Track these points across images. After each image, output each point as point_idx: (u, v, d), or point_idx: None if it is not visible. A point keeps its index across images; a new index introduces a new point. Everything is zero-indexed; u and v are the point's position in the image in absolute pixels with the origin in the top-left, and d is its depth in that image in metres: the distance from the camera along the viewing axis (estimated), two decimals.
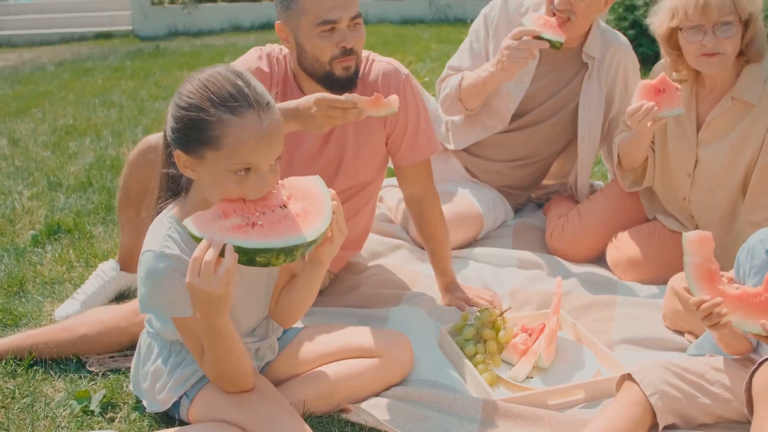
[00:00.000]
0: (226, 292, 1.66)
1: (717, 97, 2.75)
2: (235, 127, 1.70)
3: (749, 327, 1.86)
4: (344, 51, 2.36)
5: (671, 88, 2.60)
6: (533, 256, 3.07)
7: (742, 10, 2.57)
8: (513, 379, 2.25)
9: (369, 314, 2.62)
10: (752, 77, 2.68)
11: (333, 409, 2.12)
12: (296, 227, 1.72)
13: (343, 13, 2.32)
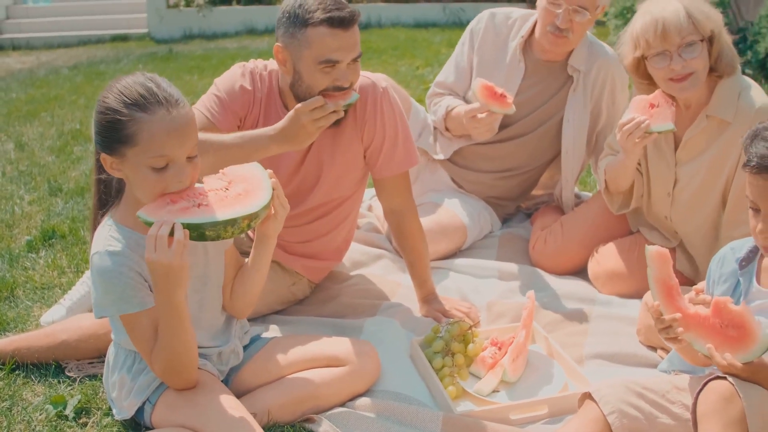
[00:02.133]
0: (181, 262, 1.81)
1: (692, 116, 2.74)
2: (147, 122, 1.85)
3: (698, 347, 1.88)
4: (338, 88, 2.40)
5: (666, 103, 2.60)
6: (514, 268, 3.08)
7: (703, 28, 2.57)
8: (478, 393, 2.27)
9: (344, 324, 2.66)
10: (725, 94, 2.67)
11: (298, 419, 2.17)
12: (239, 203, 1.88)
13: (346, 56, 2.37)
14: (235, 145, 2.38)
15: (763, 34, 7.43)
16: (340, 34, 2.33)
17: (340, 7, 2.33)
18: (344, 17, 2.32)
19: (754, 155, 1.86)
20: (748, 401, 1.77)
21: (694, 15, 2.57)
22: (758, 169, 1.84)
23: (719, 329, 1.86)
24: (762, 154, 1.84)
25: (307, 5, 2.34)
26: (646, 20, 2.60)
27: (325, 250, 2.82)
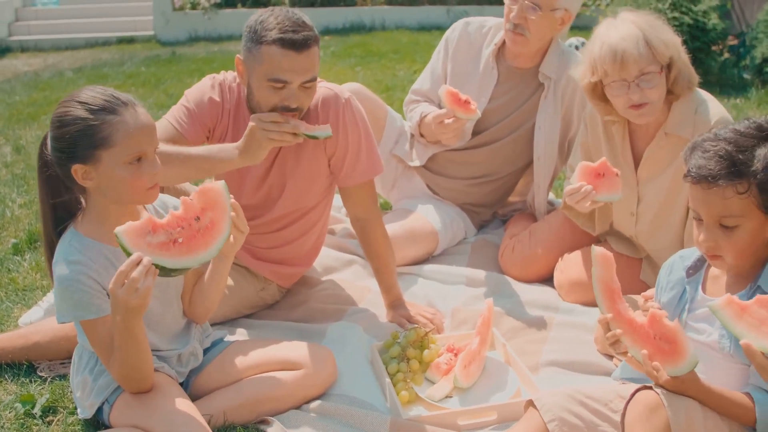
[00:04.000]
0: (143, 303, 1.88)
1: (651, 134, 2.76)
2: (119, 123, 1.96)
3: (633, 352, 1.91)
4: (286, 108, 2.46)
5: (611, 174, 2.62)
6: (482, 275, 3.14)
7: (662, 56, 2.58)
8: (429, 398, 2.33)
9: (308, 329, 2.72)
10: (682, 111, 2.70)
11: (253, 420, 2.25)
12: (206, 242, 1.95)
13: (295, 77, 2.42)
14: (200, 157, 2.46)
15: (760, 39, 7.43)
16: (291, 55, 2.38)
17: (296, 30, 2.38)
18: (297, 40, 2.37)
19: (692, 166, 1.91)
20: (673, 412, 1.82)
21: (653, 43, 2.57)
22: (696, 179, 1.89)
23: (653, 340, 1.91)
24: (699, 164, 1.88)
25: (266, 23, 2.40)
26: (605, 49, 2.60)
27: (294, 256, 2.89)
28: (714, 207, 1.88)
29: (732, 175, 1.84)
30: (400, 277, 3.08)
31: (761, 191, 1.84)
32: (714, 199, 1.87)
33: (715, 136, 1.91)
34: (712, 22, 7.28)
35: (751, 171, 1.83)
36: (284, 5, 11.43)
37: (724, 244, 1.89)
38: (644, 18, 2.64)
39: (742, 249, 1.90)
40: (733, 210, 1.86)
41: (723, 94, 7.07)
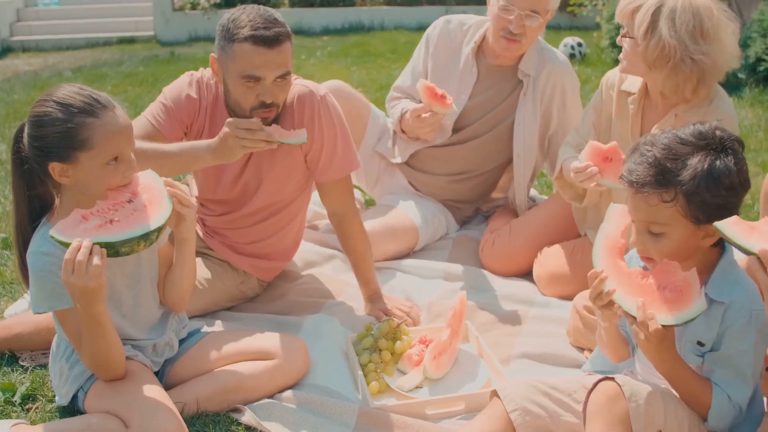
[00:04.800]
0: (98, 284, 1.91)
1: (662, 112, 2.78)
2: (99, 126, 2.00)
3: (626, 306, 1.87)
4: (263, 104, 2.50)
5: (618, 160, 2.62)
6: (460, 269, 3.18)
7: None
8: (399, 388, 2.37)
9: (285, 321, 2.77)
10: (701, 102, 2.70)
11: (225, 409, 2.30)
12: (146, 216, 2.00)
13: (268, 73, 2.46)
14: (174, 154, 2.51)
15: (754, 38, 7.45)
16: (263, 51, 2.42)
17: (267, 27, 2.42)
18: (268, 36, 2.41)
19: (625, 169, 1.91)
20: (633, 403, 1.84)
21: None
22: (626, 182, 1.89)
23: (655, 290, 1.87)
24: (630, 168, 1.89)
25: (238, 21, 2.45)
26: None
27: (274, 250, 2.93)
28: (641, 212, 1.87)
29: (658, 184, 1.82)
30: (379, 271, 3.13)
31: (688, 201, 1.81)
32: (641, 204, 1.87)
33: (653, 141, 1.89)
34: None
35: (678, 180, 1.81)
36: (284, 5, 11.51)
37: (651, 248, 1.89)
38: None
39: (670, 256, 1.88)
40: (659, 218, 1.85)
41: None
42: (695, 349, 1.95)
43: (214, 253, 2.91)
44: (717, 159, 1.82)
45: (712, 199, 1.81)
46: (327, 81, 3.46)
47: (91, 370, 2.14)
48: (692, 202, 1.81)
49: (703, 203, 1.81)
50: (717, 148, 1.84)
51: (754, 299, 1.88)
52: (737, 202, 1.87)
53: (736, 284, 1.90)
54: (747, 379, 1.90)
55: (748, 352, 1.88)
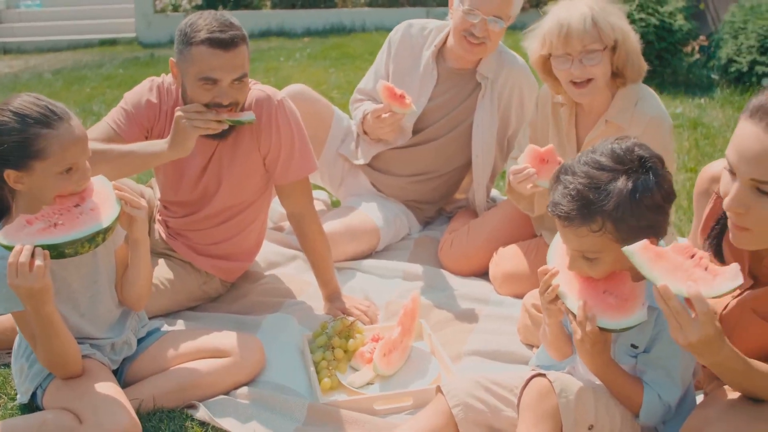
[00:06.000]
0: (43, 284, 1.97)
1: (594, 120, 2.90)
2: (54, 137, 2.05)
3: (569, 304, 1.93)
4: (219, 105, 2.57)
5: (554, 162, 2.71)
6: (419, 269, 3.25)
7: (606, 37, 2.71)
8: (350, 385, 2.45)
9: (245, 320, 2.84)
10: (624, 100, 2.83)
11: (181, 405, 2.37)
12: (92, 219, 2.07)
13: (225, 75, 2.54)
14: (131, 153, 2.57)
15: (726, 40, 7.57)
16: (220, 54, 2.50)
17: (223, 30, 2.50)
18: (224, 39, 2.49)
19: (550, 201, 1.93)
20: (563, 398, 1.92)
21: (599, 23, 2.70)
22: (553, 215, 1.92)
23: (601, 293, 1.92)
24: (555, 201, 1.90)
25: (196, 25, 2.53)
26: (554, 22, 2.75)
27: (236, 251, 3.00)
28: (572, 243, 1.90)
29: (583, 216, 1.84)
30: (340, 271, 3.21)
31: (616, 228, 1.84)
32: (571, 236, 1.89)
33: (573, 170, 1.89)
34: (678, 23, 7.42)
35: (603, 210, 1.82)
36: (266, 7, 11.57)
37: (589, 271, 1.93)
38: (598, 2, 2.77)
39: (607, 273, 1.93)
40: (590, 246, 1.87)
41: (689, 94, 7.20)
42: (629, 351, 2.02)
43: (177, 255, 2.98)
44: (638, 181, 1.84)
45: (638, 222, 1.84)
46: (289, 85, 3.54)
47: (48, 369, 2.21)
48: (620, 229, 1.84)
49: (631, 227, 1.84)
50: (636, 169, 1.86)
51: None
52: (664, 218, 1.91)
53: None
54: (676, 380, 1.97)
55: (678, 354, 1.95)
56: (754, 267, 1.90)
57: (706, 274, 1.70)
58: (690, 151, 5.24)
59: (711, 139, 5.57)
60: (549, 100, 3.01)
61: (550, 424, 1.92)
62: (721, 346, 1.70)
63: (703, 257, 1.72)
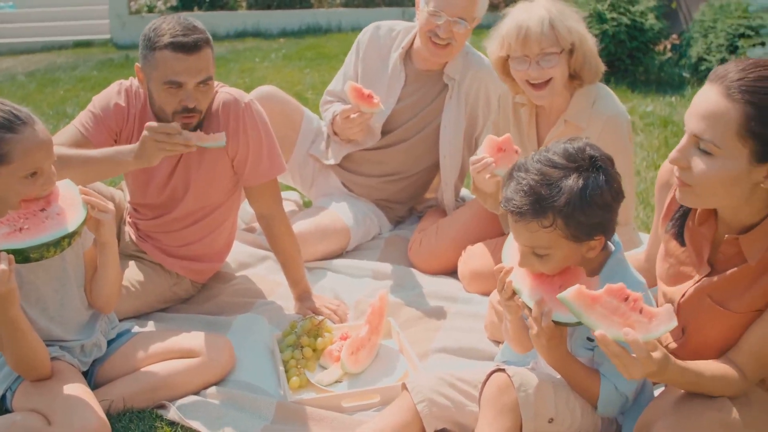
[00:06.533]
0: (8, 288, 1.98)
1: (553, 120, 2.96)
2: (18, 142, 2.05)
3: (525, 299, 1.97)
4: (185, 108, 2.60)
5: (511, 150, 2.75)
6: (389, 268, 3.29)
7: (563, 41, 2.77)
8: (318, 383, 2.49)
9: (215, 321, 2.86)
10: (581, 101, 2.89)
11: (151, 405, 2.39)
12: (57, 224, 2.09)
13: (189, 78, 2.57)
14: (97, 159, 2.59)
15: (696, 38, 7.67)
16: (183, 58, 2.53)
17: (186, 34, 2.53)
18: (187, 43, 2.52)
19: (503, 197, 1.97)
20: (522, 392, 1.96)
21: (557, 26, 2.76)
22: (505, 210, 1.96)
23: (555, 289, 1.95)
24: (507, 197, 1.94)
25: (159, 30, 2.56)
26: (512, 24, 2.80)
27: (206, 253, 3.03)
28: (523, 238, 1.94)
29: (535, 212, 1.88)
30: (310, 271, 3.24)
31: (566, 224, 1.88)
32: (522, 231, 1.93)
33: (526, 167, 1.93)
34: (649, 22, 7.52)
35: (554, 206, 1.86)
36: (241, 8, 11.56)
37: (539, 267, 1.97)
38: (556, 5, 2.82)
39: (557, 271, 1.98)
40: (541, 242, 1.91)
41: (660, 92, 7.29)
42: (585, 344, 2.07)
43: (147, 256, 2.99)
44: (588, 179, 1.88)
45: (588, 219, 1.89)
46: (259, 87, 3.57)
47: (16, 372, 2.23)
48: (570, 225, 1.88)
49: (581, 224, 1.89)
50: (587, 168, 1.90)
51: None
52: (612, 216, 1.96)
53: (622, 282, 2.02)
54: None
55: None
56: (712, 254, 1.96)
57: (641, 318, 1.76)
58: (660, 149, 5.31)
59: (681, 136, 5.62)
60: (510, 101, 3.06)
61: (510, 418, 1.97)
62: (665, 372, 1.76)
63: (637, 299, 1.77)
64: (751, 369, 1.88)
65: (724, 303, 1.91)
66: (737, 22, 7.23)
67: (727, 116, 1.73)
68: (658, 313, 1.76)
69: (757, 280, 1.87)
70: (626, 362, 1.72)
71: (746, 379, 1.88)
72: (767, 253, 1.85)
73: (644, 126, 5.99)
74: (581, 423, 2.05)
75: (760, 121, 1.71)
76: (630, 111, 6.40)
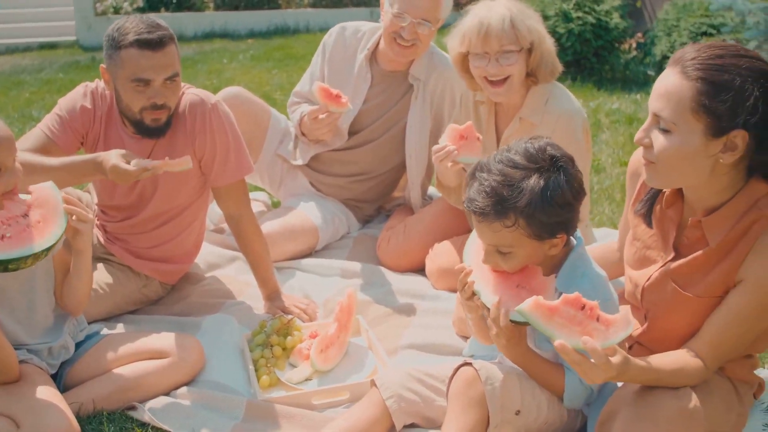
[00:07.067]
0: None
1: (510, 117, 3.01)
2: None
3: (485, 299, 2.01)
4: (154, 105, 2.61)
5: (473, 137, 2.80)
6: (357, 267, 3.32)
7: (523, 39, 2.82)
8: (288, 381, 2.50)
9: (185, 322, 2.87)
10: (535, 100, 2.94)
11: (123, 406, 2.40)
12: (38, 234, 2.09)
13: (156, 75, 2.58)
14: (61, 169, 2.58)
15: (660, 37, 7.79)
16: (149, 54, 2.54)
17: (151, 31, 2.55)
18: (152, 39, 2.53)
19: (466, 197, 2.01)
20: (489, 385, 2.00)
21: (517, 25, 2.80)
22: (468, 210, 2.01)
23: (514, 287, 2.00)
24: (470, 198, 1.99)
25: (123, 28, 2.57)
26: (474, 21, 2.84)
27: (175, 254, 3.03)
28: (486, 237, 2.00)
29: (497, 212, 1.92)
30: (280, 270, 3.26)
31: (528, 224, 1.93)
32: (485, 231, 1.98)
33: (488, 167, 1.98)
34: (614, 21, 7.62)
35: (515, 206, 1.91)
36: (209, 9, 11.50)
37: (503, 265, 2.02)
38: (517, 5, 2.87)
39: (519, 267, 2.02)
40: (504, 241, 1.96)
41: (625, 90, 7.39)
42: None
43: (116, 259, 2.99)
44: (549, 179, 1.93)
45: (549, 219, 1.94)
46: (226, 88, 3.57)
47: None
48: (532, 224, 1.93)
49: (542, 223, 1.94)
50: (548, 168, 1.95)
51: (600, 289, 2.05)
52: (574, 215, 2.02)
53: (583, 276, 2.07)
54: None
55: None
56: (678, 239, 2.03)
57: (598, 326, 1.80)
58: (625, 145, 5.39)
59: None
60: (471, 98, 3.11)
61: (477, 411, 2.00)
62: (626, 373, 1.81)
63: (593, 307, 1.81)
64: (710, 358, 1.94)
65: (687, 287, 1.98)
66: (699, 20, 7.37)
67: (682, 93, 1.82)
68: (615, 320, 1.80)
69: (717, 264, 1.94)
70: (586, 369, 1.77)
71: (706, 368, 1.93)
72: (728, 237, 1.91)
73: (610, 123, 6.07)
74: (547, 415, 2.10)
75: (710, 96, 1.80)
76: (596, 109, 6.49)
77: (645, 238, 2.11)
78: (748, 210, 1.90)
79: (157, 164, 2.48)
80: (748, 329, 1.93)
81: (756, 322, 1.93)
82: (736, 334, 1.93)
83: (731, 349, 1.96)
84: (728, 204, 1.92)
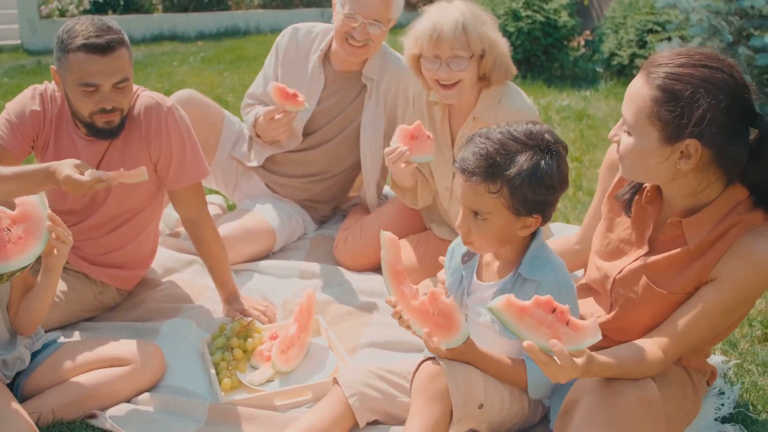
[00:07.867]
0: None
1: (464, 117, 3.04)
2: None
3: (416, 329, 2.07)
4: (103, 110, 2.59)
5: (423, 136, 2.83)
6: (316, 267, 3.32)
7: (474, 46, 2.85)
8: (250, 383, 2.50)
9: (143, 327, 2.84)
10: (488, 99, 2.98)
11: (83, 415, 2.36)
12: (17, 252, 2.08)
13: (105, 80, 2.55)
14: (13, 179, 2.52)
15: (607, 35, 7.93)
16: (97, 59, 2.51)
17: (99, 35, 2.52)
18: (101, 44, 2.51)
19: (459, 156, 2.08)
20: (452, 380, 2.03)
21: (469, 32, 2.83)
22: (458, 169, 2.06)
23: (432, 316, 2.07)
24: (463, 157, 2.05)
25: (73, 31, 2.53)
26: (427, 24, 2.86)
27: (130, 259, 2.99)
28: (468, 198, 2.03)
29: (486, 175, 1.97)
30: (237, 273, 3.25)
31: (512, 195, 1.97)
32: (469, 192, 2.02)
33: (488, 134, 2.04)
34: (562, 19, 7.74)
35: (505, 174, 1.96)
36: (157, 12, 11.37)
37: (474, 231, 2.06)
38: (472, 10, 2.89)
39: (488, 239, 2.07)
40: (484, 206, 2.01)
41: (575, 87, 7.52)
42: None
43: (70, 265, 2.94)
44: (542, 159, 1.98)
45: (532, 195, 1.99)
46: (178, 91, 3.55)
47: None
48: (515, 196, 1.98)
49: (525, 198, 1.99)
50: (544, 149, 2.00)
51: (562, 276, 2.11)
52: (554, 200, 2.07)
53: (546, 263, 2.11)
54: None
55: None
56: (653, 235, 2.09)
57: (568, 330, 1.83)
58: (575, 141, 5.49)
59: (596, 129, 5.85)
60: (424, 99, 3.14)
61: (440, 405, 2.02)
62: (589, 372, 1.85)
63: (563, 311, 1.85)
64: (672, 350, 2.00)
65: (660, 283, 2.04)
66: (646, 18, 7.53)
67: (641, 100, 1.91)
68: (584, 327, 1.84)
69: (691, 263, 2.00)
70: (552, 369, 1.80)
71: (666, 359, 1.99)
72: (706, 239, 1.98)
73: (560, 120, 6.17)
74: (510, 407, 2.13)
75: (661, 105, 1.87)
76: (546, 106, 6.59)
77: (619, 231, 2.17)
78: (727, 214, 1.97)
79: (111, 175, 2.45)
80: (715, 326, 2.00)
81: (723, 320, 1.99)
82: (702, 329, 1.98)
83: (694, 344, 2.02)
84: (709, 207, 1.98)
